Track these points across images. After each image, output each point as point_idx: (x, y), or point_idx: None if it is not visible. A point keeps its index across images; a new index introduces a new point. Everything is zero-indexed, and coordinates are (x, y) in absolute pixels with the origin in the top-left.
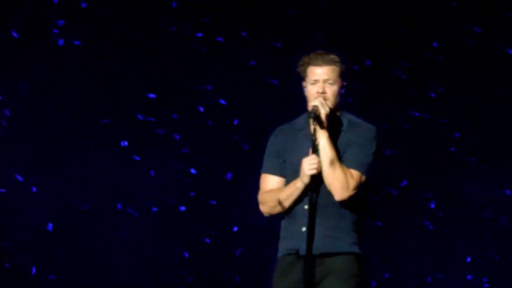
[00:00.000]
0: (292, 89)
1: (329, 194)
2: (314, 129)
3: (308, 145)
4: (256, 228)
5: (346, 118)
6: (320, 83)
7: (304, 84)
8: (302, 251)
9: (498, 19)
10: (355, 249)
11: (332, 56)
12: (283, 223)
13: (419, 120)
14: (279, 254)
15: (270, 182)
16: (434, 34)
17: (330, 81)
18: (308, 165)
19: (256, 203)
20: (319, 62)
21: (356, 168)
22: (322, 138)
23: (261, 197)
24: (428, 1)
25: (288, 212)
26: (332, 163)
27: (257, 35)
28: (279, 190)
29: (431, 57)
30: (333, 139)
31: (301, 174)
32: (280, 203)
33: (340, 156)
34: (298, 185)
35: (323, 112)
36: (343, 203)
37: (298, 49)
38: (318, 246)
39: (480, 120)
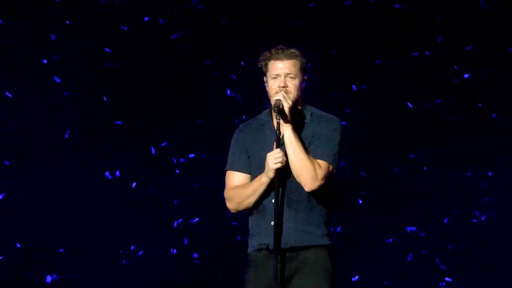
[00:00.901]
0: None
1: (298, 188)
2: (278, 123)
3: (273, 140)
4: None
5: (309, 111)
6: (282, 77)
7: (265, 79)
8: (272, 245)
9: None
10: (325, 240)
11: (293, 50)
12: (252, 218)
13: None
14: (250, 250)
15: (235, 179)
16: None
17: (291, 75)
18: (273, 159)
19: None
20: (280, 57)
21: (323, 158)
22: (287, 131)
23: (227, 193)
24: None
25: (256, 207)
26: (298, 155)
27: None
28: (244, 186)
29: None
30: (298, 132)
31: (266, 168)
32: (246, 198)
33: (306, 149)
34: (263, 180)
35: (286, 106)
36: (313, 196)
37: None
38: (290, 240)
39: None
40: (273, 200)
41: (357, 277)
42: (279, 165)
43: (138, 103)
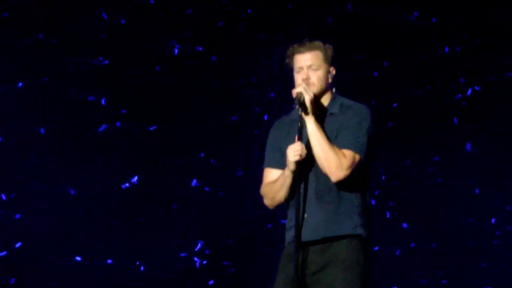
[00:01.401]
0: None
1: (326, 179)
2: (300, 116)
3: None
4: None
5: (339, 101)
6: (304, 70)
7: (293, 74)
8: (305, 237)
9: None
10: (358, 230)
11: (316, 43)
12: (288, 212)
13: None
14: (285, 242)
15: (269, 175)
16: None
17: (314, 67)
18: (292, 152)
19: None
20: (302, 50)
21: (348, 147)
22: (309, 123)
23: (262, 190)
24: None
25: (292, 201)
26: (322, 145)
27: None
28: (274, 181)
29: None
30: (326, 123)
31: (287, 162)
32: (276, 193)
33: (333, 139)
34: (286, 173)
35: (307, 98)
36: (341, 186)
37: None
38: (319, 232)
39: None
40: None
41: None
42: (298, 157)
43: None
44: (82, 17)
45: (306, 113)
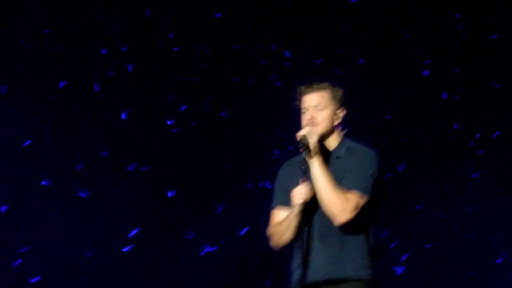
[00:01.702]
0: None
1: (330, 221)
2: (304, 159)
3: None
4: None
5: (346, 145)
6: (310, 110)
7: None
8: (308, 279)
9: None
10: (361, 274)
11: (323, 84)
12: (293, 254)
13: None
14: (291, 286)
15: (278, 216)
16: None
17: (319, 107)
18: (297, 195)
19: None
20: (307, 91)
21: (353, 190)
22: (314, 166)
23: (269, 231)
24: None
25: (298, 243)
26: (325, 189)
27: None
28: (280, 222)
29: None
30: (331, 167)
31: (292, 204)
32: (282, 235)
33: (339, 183)
34: (291, 215)
35: (311, 141)
36: (345, 228)
37: None
38: (320, 274)
39: None
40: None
41: None
42: (301, 200)
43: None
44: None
45: (310, 157)
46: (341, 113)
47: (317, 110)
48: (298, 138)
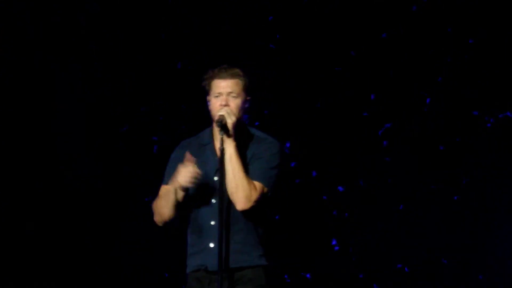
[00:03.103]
0: None
1: (235, 210)
2: (221, 138)
3: (213, 160)
4: None
5: (251, 132)
6: (224, 96)
7: (208, 98)
8: (211, 267)
9: None
10: (263, 261)
11: (236, 70)
12: (190, 238)
13: None
14: (188, 270)
15: (162, 191)
16: None
17: (234, 94)
18: (184, 175)
19: None
20: (223, 76)
21: (259, 180)
22: (229, 147)
23: (153, 206)
24: None
25: (194, 227)
26: (237, 173)
27: None
28: (159, 196)
29: None
30: (239, 150)
31: (175, 179)
32: (161, 209)
33: (246, 168)
34: (171, 189)
35: (230, 122)
36: (249, 217)
37: None
38: (227, 261)
39: None
40: (211, 222)
41: None
42: (187, 184)
43: None
44: None
45: (228, 136)
46: (248, 101)
47: (231, 97)
48: (215, 118)
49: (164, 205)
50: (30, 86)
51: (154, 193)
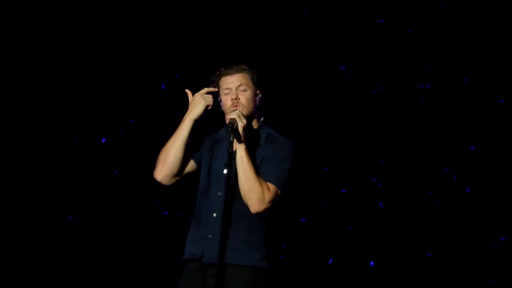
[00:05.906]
0: None
1: (242, 207)
2: (231, 142)
3: (225, 154)
4: None
5: (265, 131)
6: (233, 91)
7: (219, 98)
8: (206, 259)
9: None
10: (263, 264)
11: (242, 65)
12: (191, 226)
13: None
14: (184, 257)
15: None
16: None
17: (243, 87)
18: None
19: None
20: (229, 72)
21: (272, 182)
22: (240, 150)
23: (159, 155)
24: None
25: (197, 216)
26: (249, 175)
27: None
28: (170, 140)
29: None
30: (250, 152)
31: (191, 107)
32: (167, 150)
33: (257, 169)
34: (181, 131)
35: (240, 125)
36: (256, 218)
37: None
38: (227, 257)
39: None
40: (213, 214)
41: None
42: (207, 101)
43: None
44: None
45: (239, 141)
46: (259, 95)
47: (240, 91)
48: (227, 121)
49: (174, 141)
50: (30, 86)
51: (155, 193)
